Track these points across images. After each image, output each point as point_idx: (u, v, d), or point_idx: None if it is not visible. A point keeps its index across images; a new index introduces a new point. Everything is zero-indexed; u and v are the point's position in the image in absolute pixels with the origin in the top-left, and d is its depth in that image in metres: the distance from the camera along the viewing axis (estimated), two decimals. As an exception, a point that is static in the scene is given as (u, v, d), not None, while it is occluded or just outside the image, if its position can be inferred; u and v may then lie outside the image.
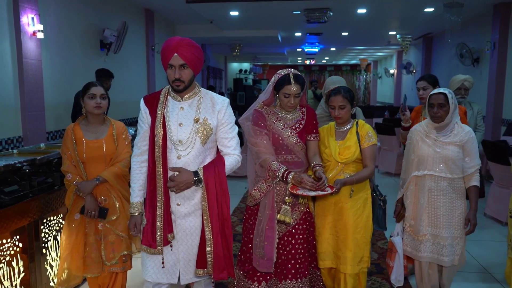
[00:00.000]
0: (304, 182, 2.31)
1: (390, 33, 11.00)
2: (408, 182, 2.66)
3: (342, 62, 22.49)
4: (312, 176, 2.45)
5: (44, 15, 4.80)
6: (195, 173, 2.07)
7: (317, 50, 14.08)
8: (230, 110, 2.22)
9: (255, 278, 2.56)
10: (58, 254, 2.82)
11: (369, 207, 2.59)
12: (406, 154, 2.72)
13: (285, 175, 2.37)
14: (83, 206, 2.50)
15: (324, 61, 21.83)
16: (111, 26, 6.39)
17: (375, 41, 12.94)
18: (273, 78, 2.55)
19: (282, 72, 2.52)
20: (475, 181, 2.56)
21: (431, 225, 2.59)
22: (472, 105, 3.87)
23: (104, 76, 4.92)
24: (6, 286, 2.42)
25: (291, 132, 2.53)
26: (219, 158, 2.19)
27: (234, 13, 8.26)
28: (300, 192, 2.32)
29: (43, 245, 2.78)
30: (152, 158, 2.10)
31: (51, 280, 2.84)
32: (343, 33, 11.12)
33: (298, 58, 20.24)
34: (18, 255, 2.54)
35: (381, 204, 2.76)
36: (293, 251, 2.56)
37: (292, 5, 7.40)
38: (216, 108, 2.17)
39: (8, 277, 2.44)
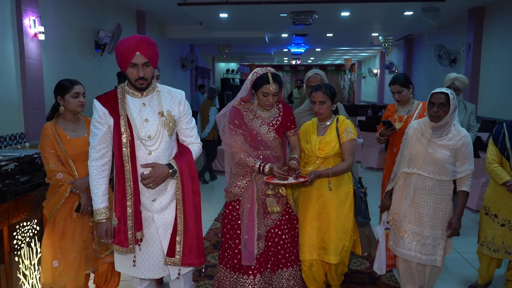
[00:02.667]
0: (273, 173, 2.42)
1: (373, 34, 11.27)
2: (398, 176, 2.67)
3: (327, 62, 22.85)
4: (287, 167, 2.53)
5: (44, 17, 4.98)
6: (169, 165, 2.08)
7: (302, 50, 14.35)
8: (187, 101, 2.26)
9: (250, 272, 2.55)
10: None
11: (351, 199, 2.64)
12: (401, 148, 2.73)
13: (261, 168, 2.45)
14: (78, 204, 2.49)
15: (309, 61, 22.16)
16: (105, 28, 6.56)
17: (358, 42, 13.21)
18: (250, 76, 2.54)
19: (260, 71, 2.51)
20: (465, 187, 2.52)
21: (414, 223, 2.58)
22: (466, 104, 3.86)
23: (124, 77, 5.39)
24: (26, 264, 2.68)
25: (268, 129, 2.56)
26: (185, 148, 2.21)
27: (224, 15, 8.42)
28: (274, 181, 2.41)
29: (56, 229, 3.02)
30: (120, 157, 2.05)
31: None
32: (328, 35, 11.35)
33: (284, 58, 20.48)
34: (36, 237, 2.79)
35: (362, 196, 2.76)
36: (281, 241, 2.64)
37: (279, 8, 7.64)
38: (176, 99, 2.20)
39: (28, 256, 2.70)
